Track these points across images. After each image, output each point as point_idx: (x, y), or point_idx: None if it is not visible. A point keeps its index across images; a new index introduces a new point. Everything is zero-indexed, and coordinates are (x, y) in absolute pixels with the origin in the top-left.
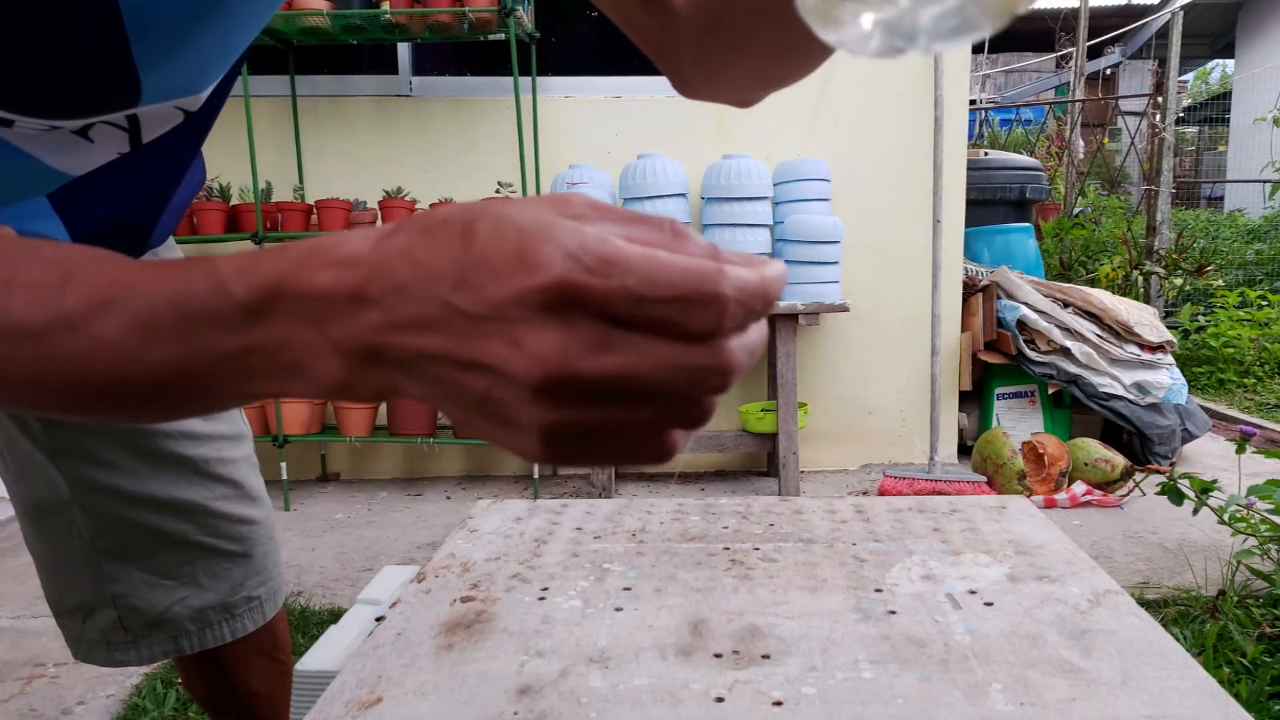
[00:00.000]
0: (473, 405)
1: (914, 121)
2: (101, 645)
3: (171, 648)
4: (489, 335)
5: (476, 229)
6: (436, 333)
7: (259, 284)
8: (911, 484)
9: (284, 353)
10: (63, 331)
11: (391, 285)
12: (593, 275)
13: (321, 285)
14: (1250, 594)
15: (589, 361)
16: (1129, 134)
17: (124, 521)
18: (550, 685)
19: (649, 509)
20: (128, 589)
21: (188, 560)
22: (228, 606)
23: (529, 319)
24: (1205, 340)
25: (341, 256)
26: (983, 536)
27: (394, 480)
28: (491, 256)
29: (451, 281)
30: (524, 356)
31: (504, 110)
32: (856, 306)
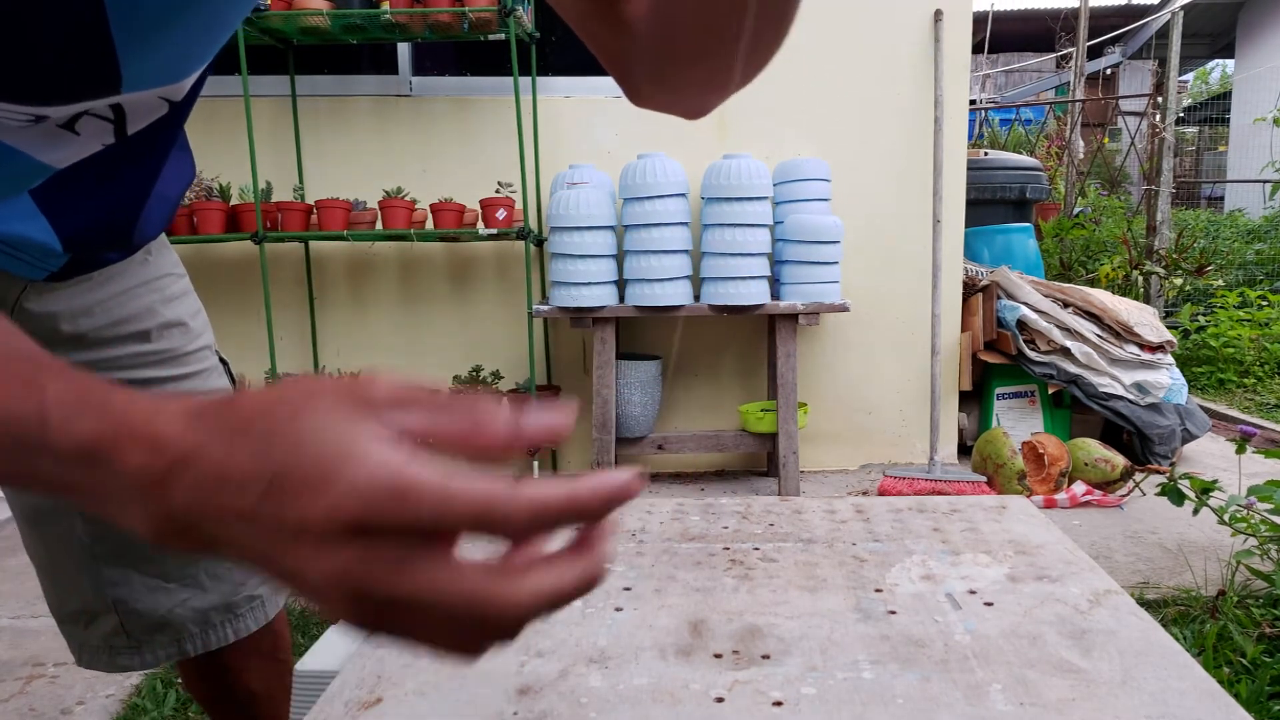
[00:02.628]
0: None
1: (914, 121)
2: (104, 651)
3: (175, 651)
4: (291, 544)
5: (284, 439)
6: (240, 530)
7: (78, 441)
8: (911, 484)
9: (98, 498)
10: None
11: (203, 478)
12: (386, 507)
13: (132, 464)
14: (1250, 594)
15: (380, 582)
16: (1129, 134)
17: None
18: (550, 685)
19: (649, 509)
20: (129, 593)
21: (189, 561)
22: (230, 606)
23: (326, 539)
24: (1205, 340)
25: (153, 437)
26: (983, 536)
27: None
28: (296, 476)
29: (259, 491)
30: (320, 572)
31: (504, 110)
32: (856, 306)
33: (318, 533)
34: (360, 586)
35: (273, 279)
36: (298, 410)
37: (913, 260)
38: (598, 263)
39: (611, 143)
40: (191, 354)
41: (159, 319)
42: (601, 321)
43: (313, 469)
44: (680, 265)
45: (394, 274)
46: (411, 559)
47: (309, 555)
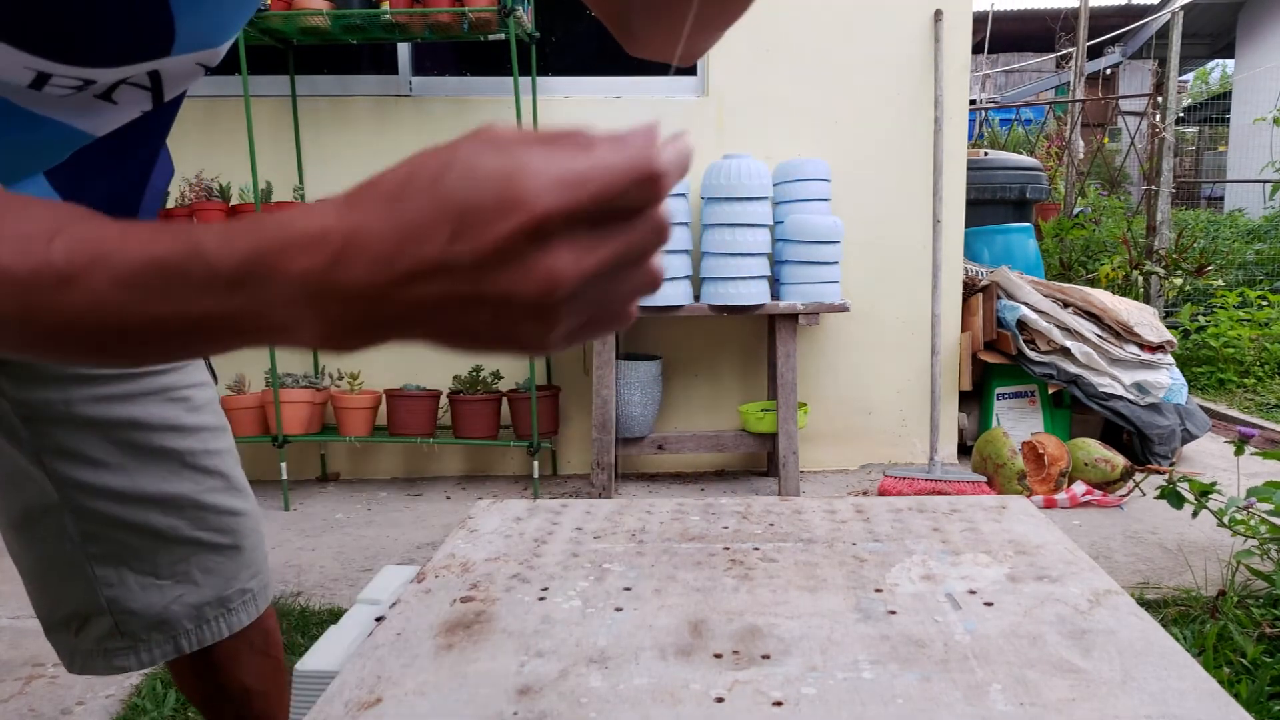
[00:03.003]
0: (475, 338)
1: (914, 121)
2: (99, 654)
3: (171, 649)
4: (494, 272)
5: (448, 184)
6: (435, 284)
7: (238, 260)
8: (911, 484)
9: (263, 318)
10: (52, 283)
11: (373, 256)
12: (568, 198)
13: (297, 268)
14: (1250, 594)
15: (585, 263)
16: (1129, 134)
17: (116, 522)
18: (550, 685)
19: (649, 509)
20: (123, 593)
21: (181, 558)
22: (223, 601)
23: (529, 249)
24: (1205, 340)
25: (309, 235)
26: (983, 536)
27: (394, 480)
28: (479, 206)
29: (446, 236)
30: (535, 281)
31: (504, 110)
32: (856, 306)
33: (520, 247)
34: (571, 281)
35: None
36: (448, 157)
37: (913, 260)
38: None
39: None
40: None
41: None
42: None
43: (491, 196)
44: (680, 265)
45: None
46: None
47: (519, 273)
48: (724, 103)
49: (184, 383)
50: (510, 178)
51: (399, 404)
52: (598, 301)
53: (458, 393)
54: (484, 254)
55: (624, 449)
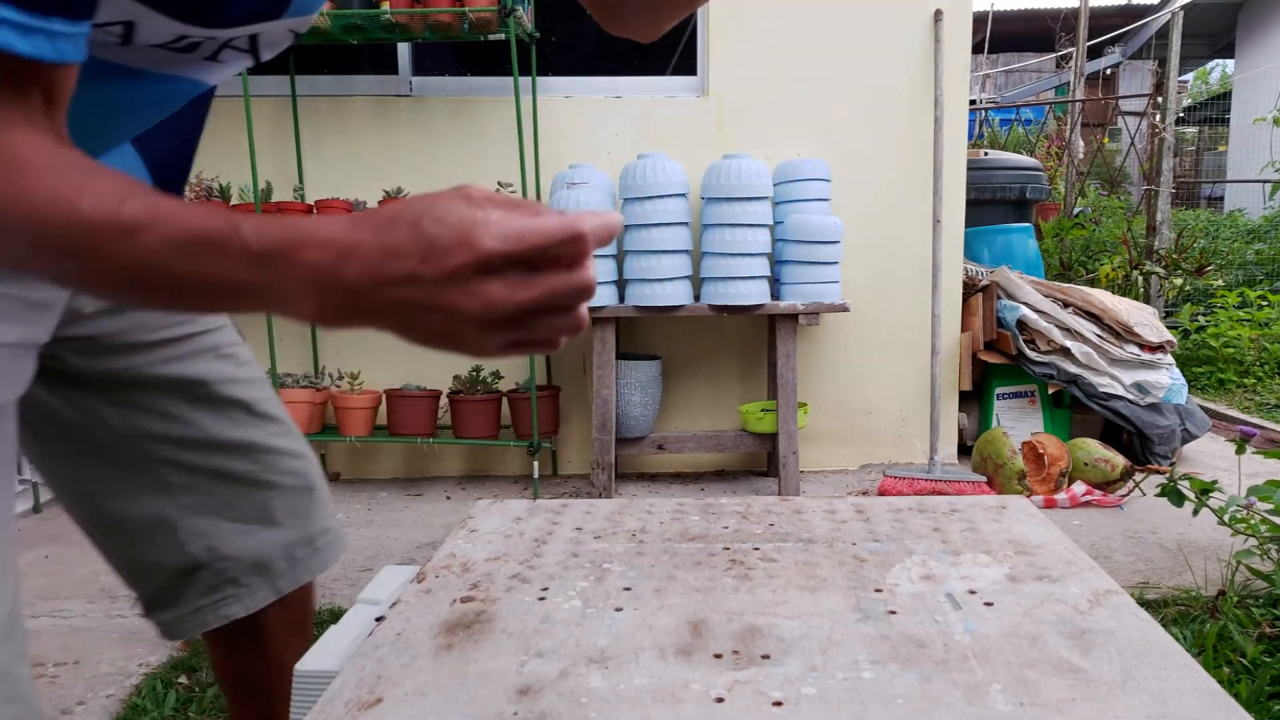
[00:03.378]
0: (430, 332)
1: (914, 121)
2: (208, 608)
3: (270, 591)
4: (447, 290)
5: (424, 223)
6: (407, 289)
7: (267, 241)
8: (911, 484)
9: (275, 291)
10: (116, 234)
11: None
12: (509, 245)
13: (310, 259)
14: (1250, 594)
15: (516, 295)
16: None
17: (199, 470)
18: (550, 685)
19: (649, 509)
20: (218, 541)
21: (263, 501)
22: (309, 540)
23: (473, 279)
24: (1205, 340)
25: (323, 238)
26: (983, 536)
27: (394, 480)
28: (443, 241)
29: (417, 258)
30: (477, 300)
31: (504, 110)
32: (856, 306)
33: (467, 275)
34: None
35: None
36: (429, 204)
37: (913, 260)
38: (597, 262)
39: (611, 143)
40: None
41: None
42: (601, 321)
43: (455, 235)
44: (680, 265)
45: None
46: (530, 276)
47: (462, 294)
48: (724, 103)
49: (228, 341)
50: (470, 225)
51: (399, 404)
52: (527, 327)
53: (458, 393)
54: (441, 275)
55: (624, 449)
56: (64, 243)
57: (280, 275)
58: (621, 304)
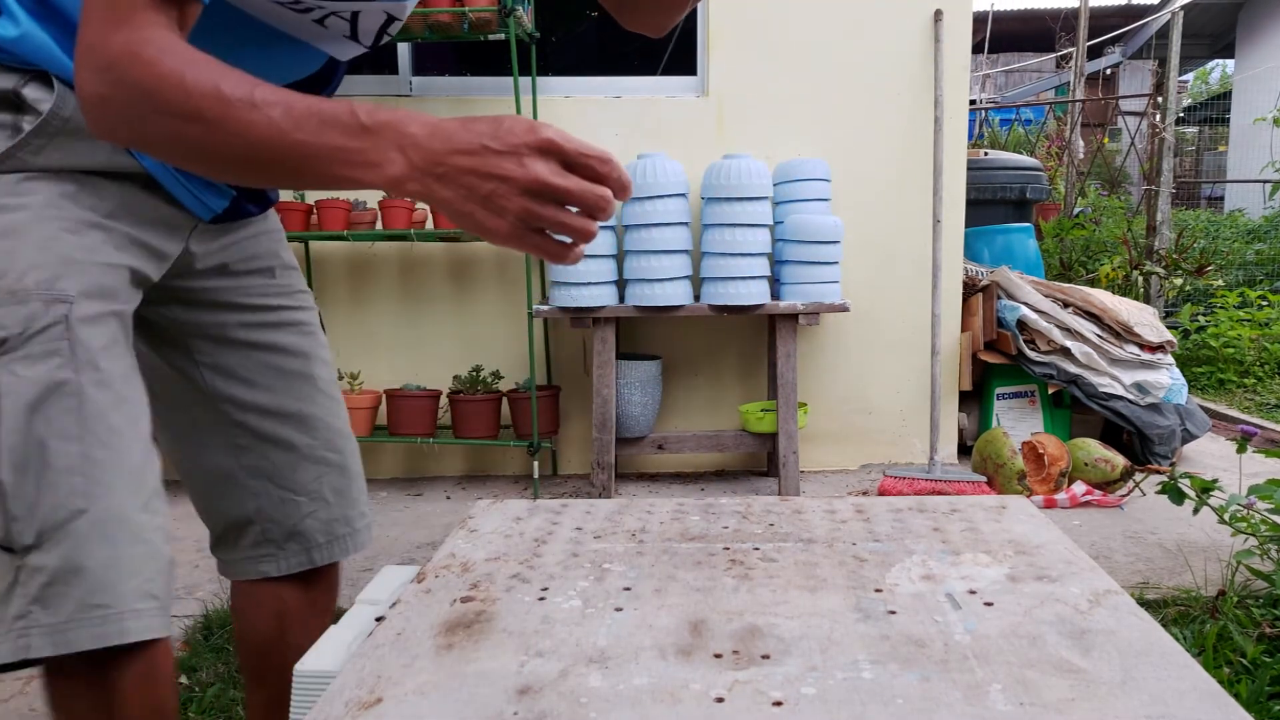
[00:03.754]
0: (479, 199)
1: (914, 121)
2: (250, 560)
3: (305, 559)
4: (506, 161)
5: (502, 119)
6: (474, 158)
7: (376, 119)
8: (911, 484)
9: (373, 154)
10: (247, 106)
11: (451, 135)
12: (561, 140)
13: (411, 130)
14: (1250, 594)
15: (554, 179)
16: (1129, 134)
17: (263, 436)
18: (550, 685)
19: (649, 509)
20: (267, 503)
21: (315, 476)
22: (348, 520)
23: (530, 155)
24: (1205, 340)
25: (423, 120)
26: (983, 536)
27: (394, 480)
28: (513, 129)
29: (488, 136)
30: (525, 171)
31: (504, 110)
32: (856, 306)
33: (525, 152)
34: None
35: None
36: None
37: (913, 260)
38: (598, 263)
39: (611, 143)
40: (302, 291)
41: (279, 260)
42: (601, 321)
43: (523, 126)
44: (680, 265)
45: (394, 274)
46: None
47: (515, 165)
48: (724, 103)
49: (312, 320)
50: (536, 124)
51: (399, 404)
52: (552, 217)
53: (458, 393)
54: (505, 148)
55: (624, 449)
56: (206, 114)
57: (382, 142)
58: (621, 304)
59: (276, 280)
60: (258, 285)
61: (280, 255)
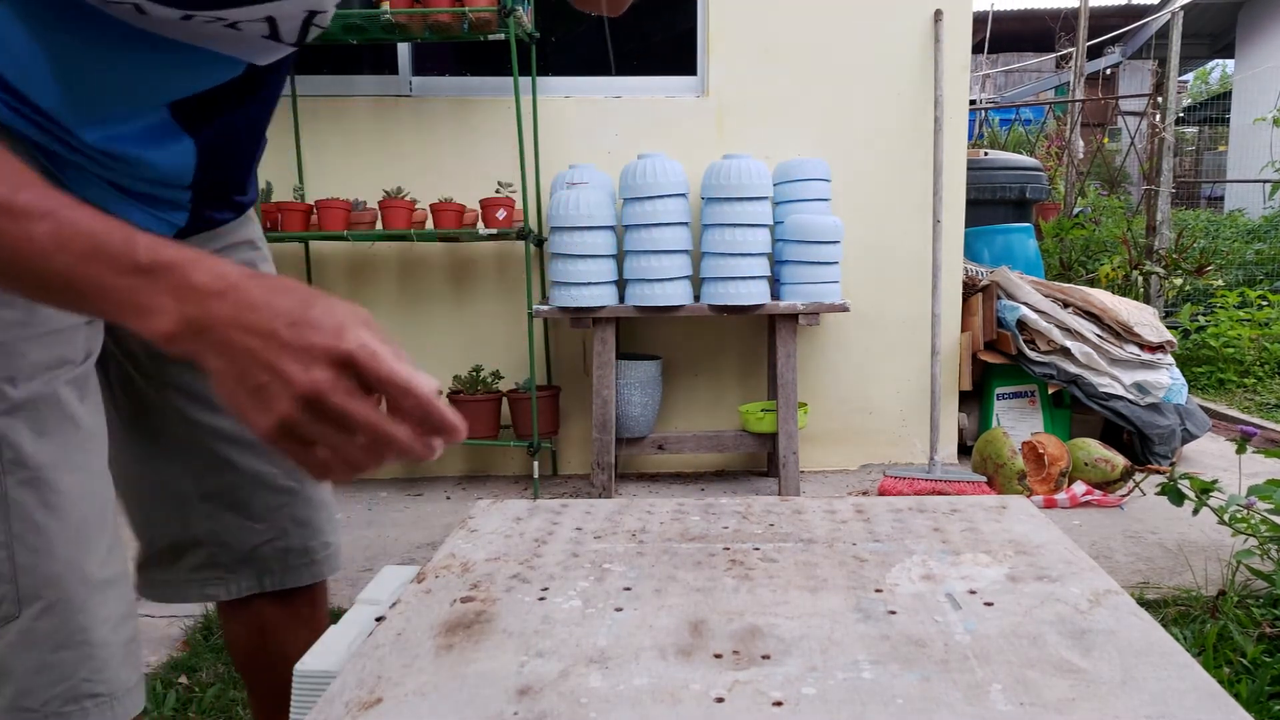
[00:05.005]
0: (248, 387)
1: (914, 121)
2: (194, 583)
3: (255, 584)
4: (290, 359)
5: (314, 303)
6: (257, 340)
7: (157, 257)
8: (911, 484)
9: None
10: (6, 216)
11: (244, 302)
12: (363, 355)
13: (197, 280)
14: (1250, 594)
15: (338, 399)
16: (1129, 134)
17: (225, 462)
18: (550, 685)
19: (649, 509)
20: (221, 527)
21: (277, 505)
22: (308, 551)
23: (321, 362)
24: (1205, 340)
25: (217, 272)
26: (983, 536)
27: (394, 480)
28: (320, 324)
29: (286, 322)
30: (306, 378)
31: (504, 110)
32: (856, 306)
33: (316, 356)
34: (322, 396)
35: None
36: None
37: (913, 260)
38: (598, 263)
39: (611, 143)
40: None
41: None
42: (601, 321)
43: (330, 323)
44: (680, 265)
45: (394, 274)
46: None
47: (300, 369)
48: (724, 103)
49: None
50: (347, 325)
51: None
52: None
53: (457, 393)
54: (295, 344)
55: (624, 449)
56: None
57: (157, 286)
58: (621, 304)
59: None
60: None
61: (257, 268)
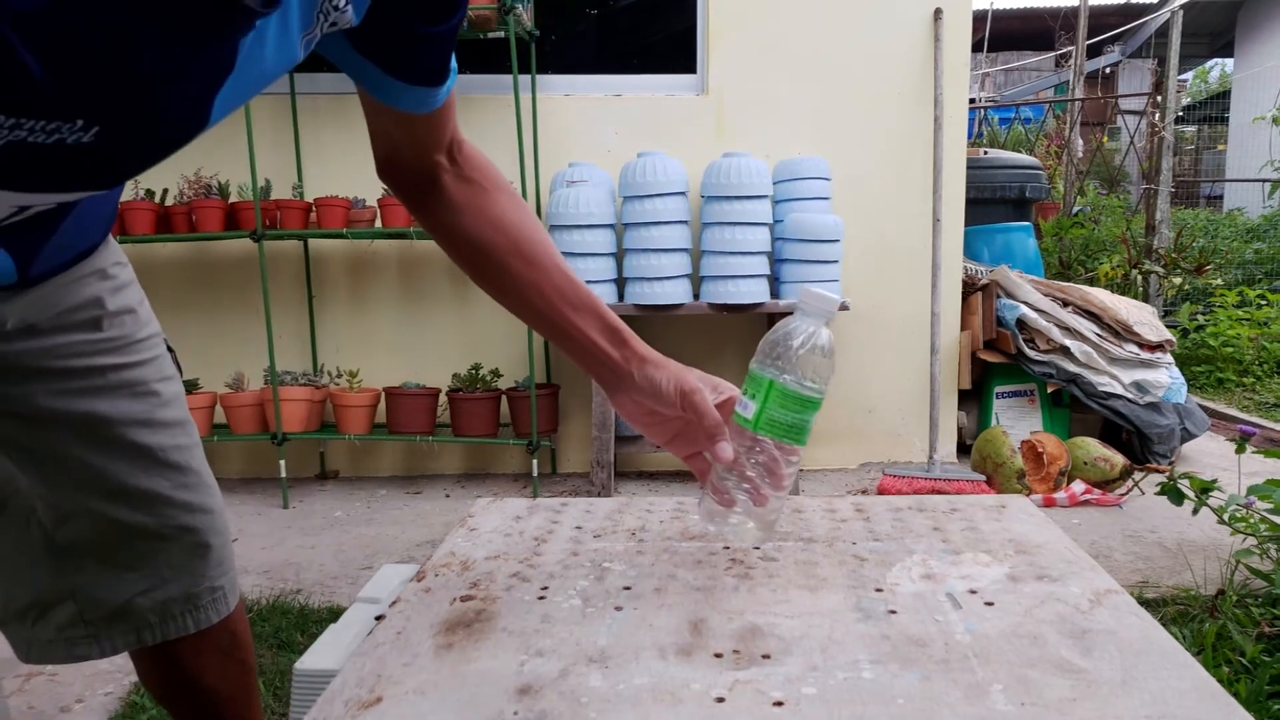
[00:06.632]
0: None
1: (914, 120)
2: (60, 643)
3: (133, 640)
4: None
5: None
6: None
7: None
8: (911, 483)
9: None
10: None
11: None
12: None
13: None
14: (1249, 593)
15: None
16: (1128, 133)
17: (86, 513)
18: (550, 685)
19: (649, 507)
20: (87, 580)
21: (149, 553)
22: (191, 598)
23: None
24: (1204, 339)
25: None
26: (983, 536)
27: (393, 478)
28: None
29: None
30: None
31: (503, 108)
32: (856, 305)
33: None
34: None
35: (272, 277)
36: None
37: (912, 259)
38: (597, 261)
39: (611, 141)
40: (142, 341)
41: (108, 307)
42: None
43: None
44: (680, 264)
45: (394, 272)
46: None
47: None
48: (724, 101)
49: (153, 376)
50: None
51: (398, 402)
52: None
53: (457, 390)
54: None
55: (623, 447)
56: None
57: None
58: (621, 302)
59: (105, 334)
60: (80, 343)
61: (109, 301)
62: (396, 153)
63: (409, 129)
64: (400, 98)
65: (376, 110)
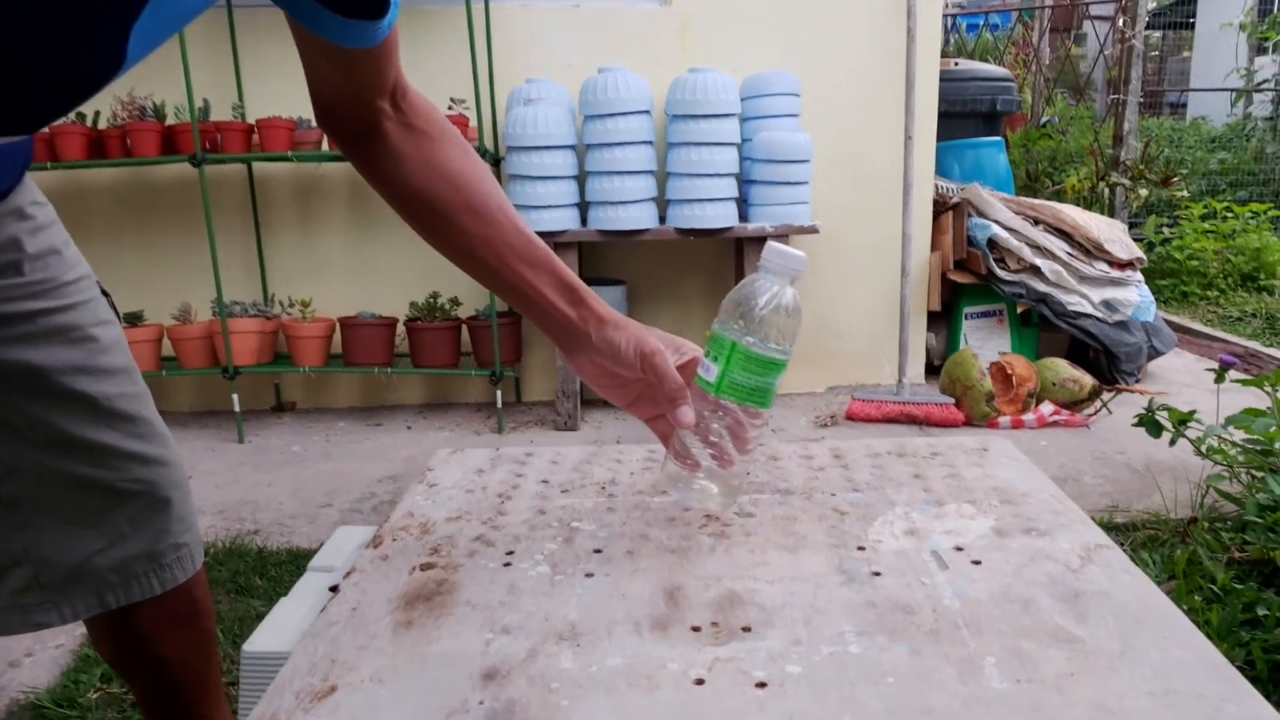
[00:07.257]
0: None
1: (886, 32)
2: (15, 610)
3: (95, 603)
4: None
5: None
6: None
7: None
8: (880, 406)
9: None
10: None
11: None
12: None
13: None
14: (1219, 517)
15: None
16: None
17: (33, 466)
18: (518, 668)
19: (618, 457)
20: (41, 537)
21: (104, 508)
22: (153, 556)
23: None
24: (1169, 253)
25: None
26: (965, 484)
27: (352, 409)
28: None
29: None
30: None
31: (455, 20)
32: (826, 227)
33: None
34: None
35: (214, 203)
36: None
37: (883, 178)
38: (558, 184)
39: (570, 55)
40: (70, 284)
41: (27, 250)
42: (563, 246)
43: None
44: (644, 187)
45: (343, 196)
46: None
47: None
48: (688, 13)
49: (88, 321)
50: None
51: (353, 333)
52: None
53: (415, 320)
54: None
55: None
56: None
57: None
58: (584, 227)
59: (28, 278)
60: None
61: (24, 244)
62: (336, 99)
63: (347, 70)
64: (336, 31)
65: (311, 49)
